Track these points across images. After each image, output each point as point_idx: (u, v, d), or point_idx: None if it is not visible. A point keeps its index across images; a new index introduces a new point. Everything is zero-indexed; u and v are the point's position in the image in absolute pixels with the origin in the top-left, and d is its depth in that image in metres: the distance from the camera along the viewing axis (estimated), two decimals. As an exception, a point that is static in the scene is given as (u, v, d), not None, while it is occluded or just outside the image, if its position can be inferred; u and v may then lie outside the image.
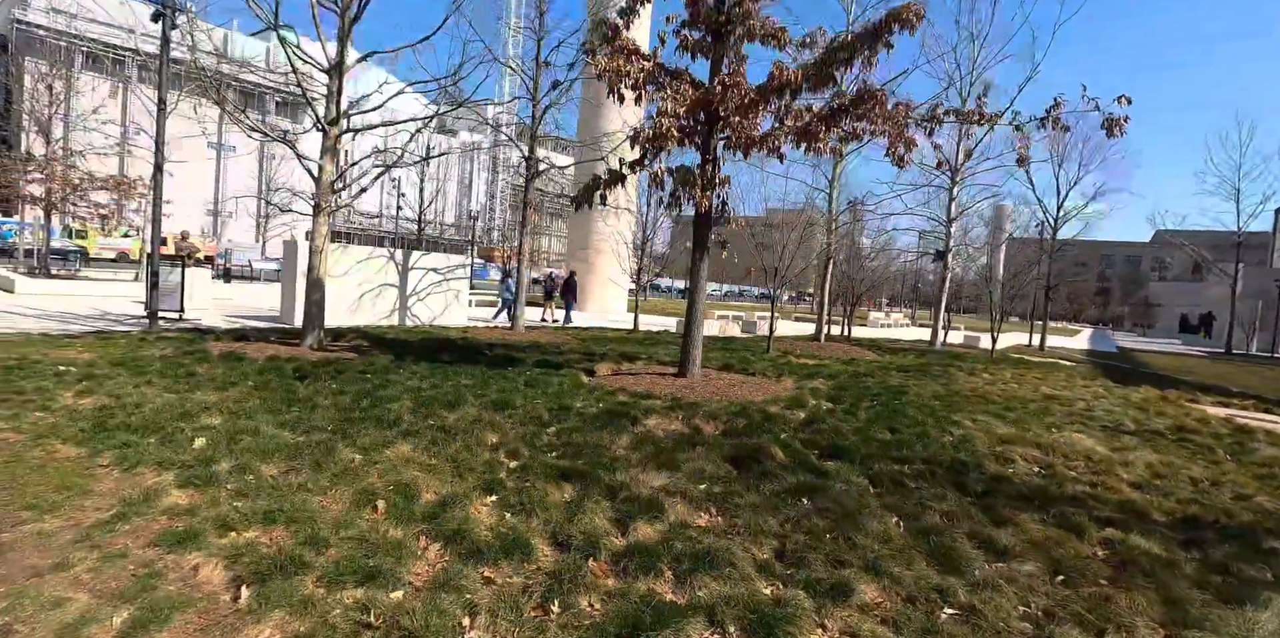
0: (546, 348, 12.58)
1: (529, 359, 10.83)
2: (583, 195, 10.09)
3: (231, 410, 6.15)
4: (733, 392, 8.80)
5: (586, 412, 6.99)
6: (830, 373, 11.61)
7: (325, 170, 10.45)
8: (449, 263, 17.41)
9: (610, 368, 10.65)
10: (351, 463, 4.82)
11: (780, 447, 5.99)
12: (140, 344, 10.02)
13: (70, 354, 8.90)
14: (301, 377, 7.97)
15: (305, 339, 10.47)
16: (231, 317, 15.62)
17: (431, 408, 6.53)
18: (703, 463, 5.39)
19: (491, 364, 9.92)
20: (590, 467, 5.10)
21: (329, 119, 10.36)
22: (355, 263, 15.35)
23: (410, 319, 16.54)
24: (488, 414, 6.54)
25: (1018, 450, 6.87)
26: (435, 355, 10.52)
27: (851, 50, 8.28)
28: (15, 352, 8.77)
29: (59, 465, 4.67)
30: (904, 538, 4.26)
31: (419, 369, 9.04)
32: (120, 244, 45.63)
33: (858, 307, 20.53)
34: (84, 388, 6.84)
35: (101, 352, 9.16)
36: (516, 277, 15.69)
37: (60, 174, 21.51)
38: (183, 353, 9.23)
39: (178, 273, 13.88)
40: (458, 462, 5.02)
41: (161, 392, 6.83)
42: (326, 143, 10.43)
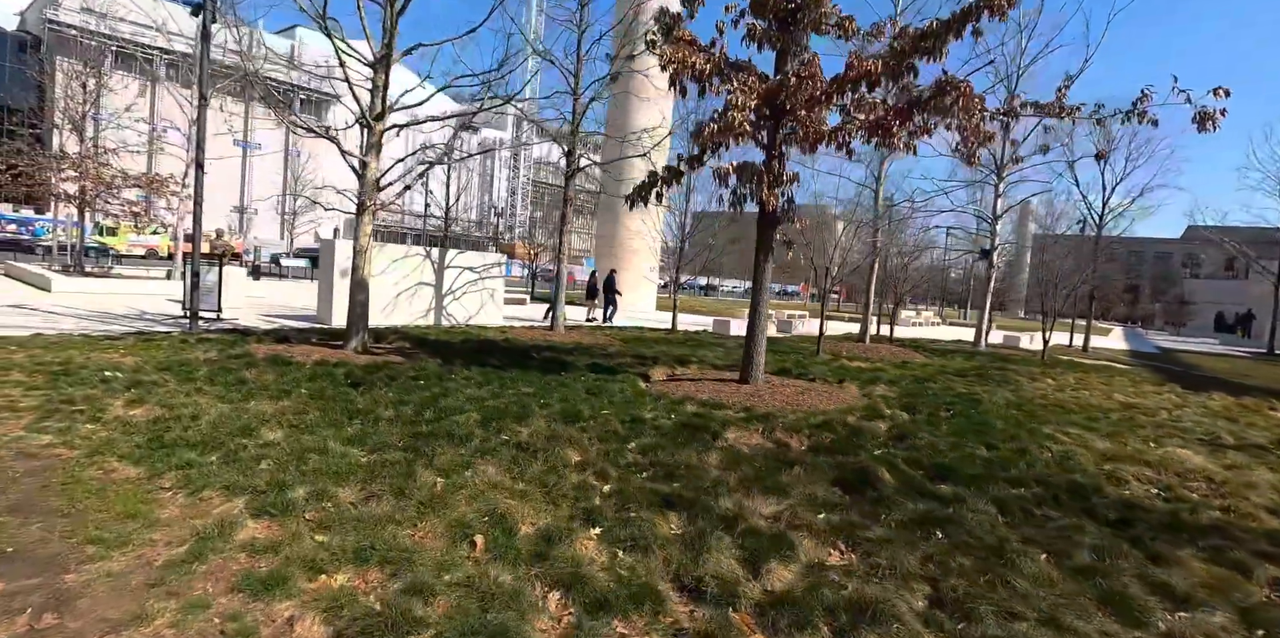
0: (593, 350, 12.12)
1: (580, 363, 10.37)
2: (638, 193, 9.59)
3: (292, 424, 5.73)
4: (802, 400, 8.29)
5: (661, 424, 6.51)
6: (890, 378, 11.05)
7: (370, 167, 10.03)
8: (484, 261, 17.00)
9: (665, 372, 10.18)
10: (434, 487, 4.37)
11: (884, 467, 5.48)
12: (183, 346, 9.68)
13: (114, 357, 8.56)
14: (355, 384, 7.55)
15: (349, 342, 10.08)
16: (267, 316, 15.30)
17: (501, 421, 6.07)
18: (809, 487, 4.89)
19: (544, 369, 9.47)
20: (690, 491, 4.62)
21: (374, 114, 9.94)
22: (391, 262, 14.97)
23: (446, 319, 16.16)
24: (560, 428, 6.07)
25: (1128, 470, 6.32)
26: (483, 359, 10.09)
27: (936, 39, 7.71)
28: (59, 355, 8.44)
29: (119, 488, 4.26)
30: (1065, 580, 3.74)
31: (472, 375, 8.61)
32: (149, 241, 45.82)
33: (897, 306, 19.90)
34: (134, 396, 6.46)
35: (145, 355, 8.81)
36: (555, 276, 15.25)
37: (94, 172, 21.34)
38: (228, 357, 8.86)
39: (215, 272, 13.56)
40: (546, 486, 4.56)
41: (215, 401, 6.43)
42: (371, 139, 10.02)
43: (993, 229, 19.34)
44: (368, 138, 10.02)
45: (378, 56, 9.92)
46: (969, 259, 33.72)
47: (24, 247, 35.93)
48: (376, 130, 10.00)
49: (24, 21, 56.05)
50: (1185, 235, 63.80)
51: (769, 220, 8.97)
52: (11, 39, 53.67)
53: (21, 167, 21.85)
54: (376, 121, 9.98)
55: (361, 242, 10.14)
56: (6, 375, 7.16)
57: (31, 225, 40.52)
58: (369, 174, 10.04)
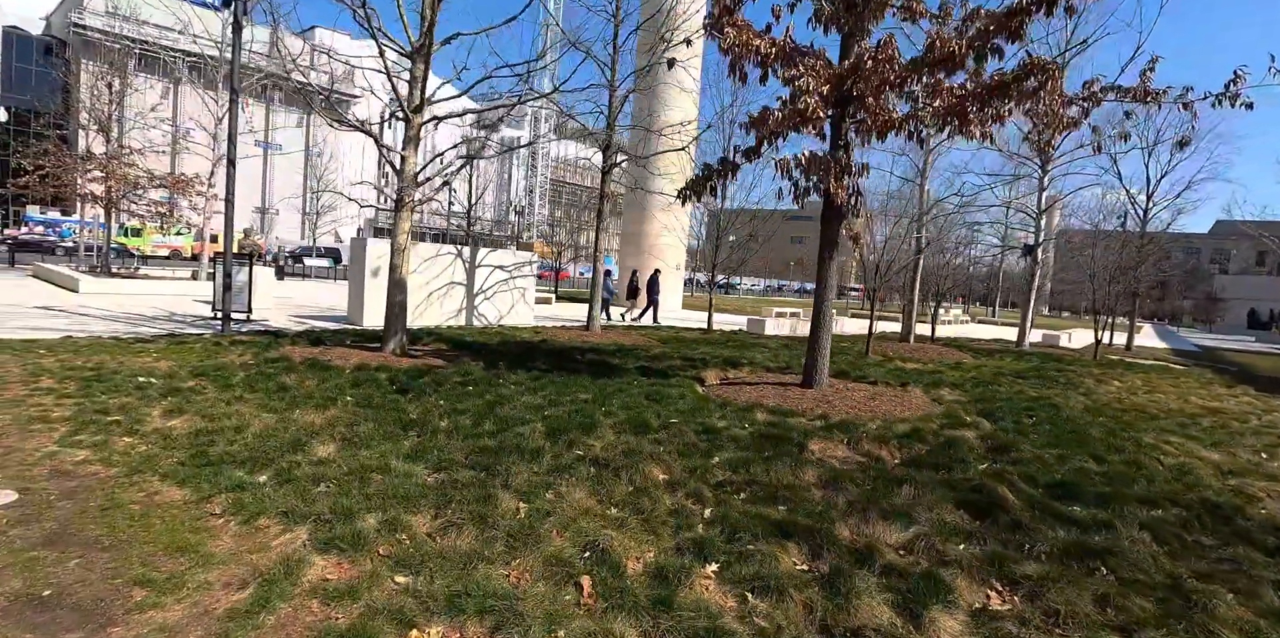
0: (636, 352, 11.57)
1: (628, 366, 9.83)
2: (691, 187, 9.03)
3: (344, 436, 5.22)
4: (875, 407, 7.69)
5: (737, 435, 5.95)
6: (952, 381, 10.42)
7: (408, 162, 9.54)
8: (515, 260, 16.51)
9: (717, 375, 9.62)
10: (517, 514, 3.84)
11: (1002, 485, 4.89)
12: (216, 349, 9.24)
13: (146, 362, 8.12)
14: (402, 390, 7.05)
15: (387, 344, 9.60)
16: (297, 317, 14.89)
17: (568, 432, 5.54)
18: (931, 510, 4.32)
19: (594, 373, 8.93)
20: (802, 517, 4.06)
21: (412, 107, 9.44)
22: (422, 261, 14.50)
23: (477, 319, 15.68)
24: (631, 440, 5.53)
25: (1256, 485, 5.69)
26: (527, 362, 9.57)
27: (1025, 15, 7.09)
28: (91, 359, 8.01)
29: (164, 515, 3.77)
30: (1271, 629, 3.15)
31: (521, 380, 8.09)
32: (173, 242, 45.84)
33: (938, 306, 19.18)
34: (171, 405, 5.99)
35: (178, 359, 8.37)
36: (592, 274, 14.72)
37: (120, 172, 21.06)
38: (264, 361, 8.39)
39: (245, 273, 13.15)
40: (641, 511, 4.01)
41: (257, 411, 5.95)
42: (409, 133, 9.52)
43: (1037, 224, 18.59)
44: (405, 131, 9.53)
45: (416, 46, 9.42)
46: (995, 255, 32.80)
47: (44, 248, 35.95)
48: (415, 123, 9.51)
49: (49, 26, 56.33)
50: (1214, 230, 62.23)
51: (835, 214, 8.38)
52: (37, 42, 53.94)
53: (49, 168, 21.64)
54: (415, 114, 9.48)
55: (399, 240, 9.65)
56: (37, 382, 6.72)
57: (59, 227, 40.60)
58: (407, 169, 9.55)
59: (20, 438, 4.97)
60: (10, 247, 32.92)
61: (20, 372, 7.12)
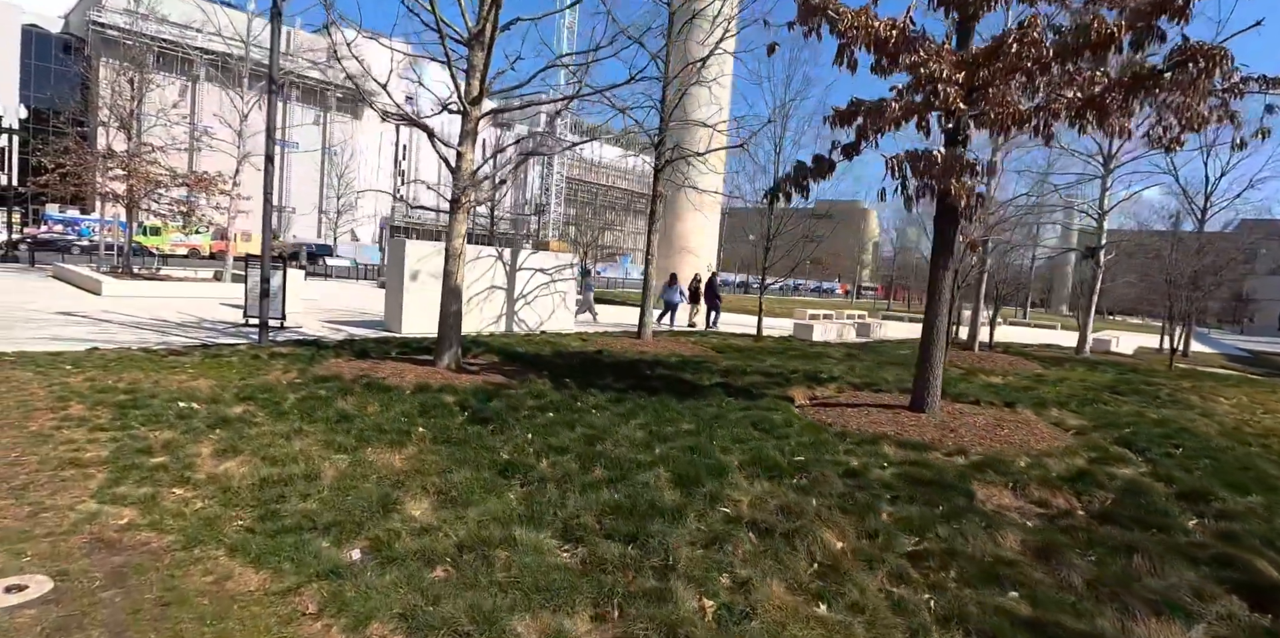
0: (705, 365, 10.61)
1: (704, 382, 8.91)
2: (782, 186, 8.09)
3: (438, 488, 4.30)
4: (1005, 437, 6.72)
5: (885, 479, 5.01)
6: (1055, 399, 9.42)
7: (465, 158, 8.62)
8: (557, 262, 15.58)
9: (805, 394, 8.69)
10: (704, 617, 2.91)
11: (1250, 554, 3.93)
12: (256, 364, 8.36)
13: (183, 380, 7.24)
14: (478, 419, 6.13)
15: (441, 358, 8.69)
16: (330, 323, 14.02)
17: (698, 481, 4.60)
18: (1198, 596, 3.37)
19: (674, 392, 7.99)
20: (1051, 610, 3.12)
21: (470, 98, 8.51)
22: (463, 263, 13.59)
23: (518, 325, 14.77)
24: (774, 489, 4.60)
25: None
26: (595, 378, 8.65)
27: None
28: (123, 376, 7.13)
29: (242, 616, 2.85)
30: None
31: (600, 402, 7.17)
32: (191, 241, 45.19)
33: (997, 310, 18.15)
34: (222, 441, 5.09)
35: (217, 377, 7.49)
36: (644, 279, 13.78)
37: (143, 171, 20.26)
38: (313, 379, 7.49)
39: (279, 277, 12.26)
40: (856, 607, 3.08)
41: (324, 449, 5.04)
42: (467, 126, 8.60)
43: (1100, 225, 17.55)
44: (462, 125, 8.61)
45: (474, 32, 8.49)
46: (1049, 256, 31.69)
47: (63, 247, 35.27)
48: (473, 117, 8.58)
49: (68, 24, 55.76)
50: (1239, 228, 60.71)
51: (951, 218, 7.42)
52: (56, 41, 53.38)
53: (69, 166, 20.89)
54: (473, 106, 8.55)
55: (455, 243, 8.74)
56: (66, 408, 5.84)
57: (78, 225, 39.97)
58: (464, 166, 8.63)
59: (51, 490, 4.08)
60: (30, 246, 32.28)
61: (46, 395, 6.25)
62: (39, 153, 21.35)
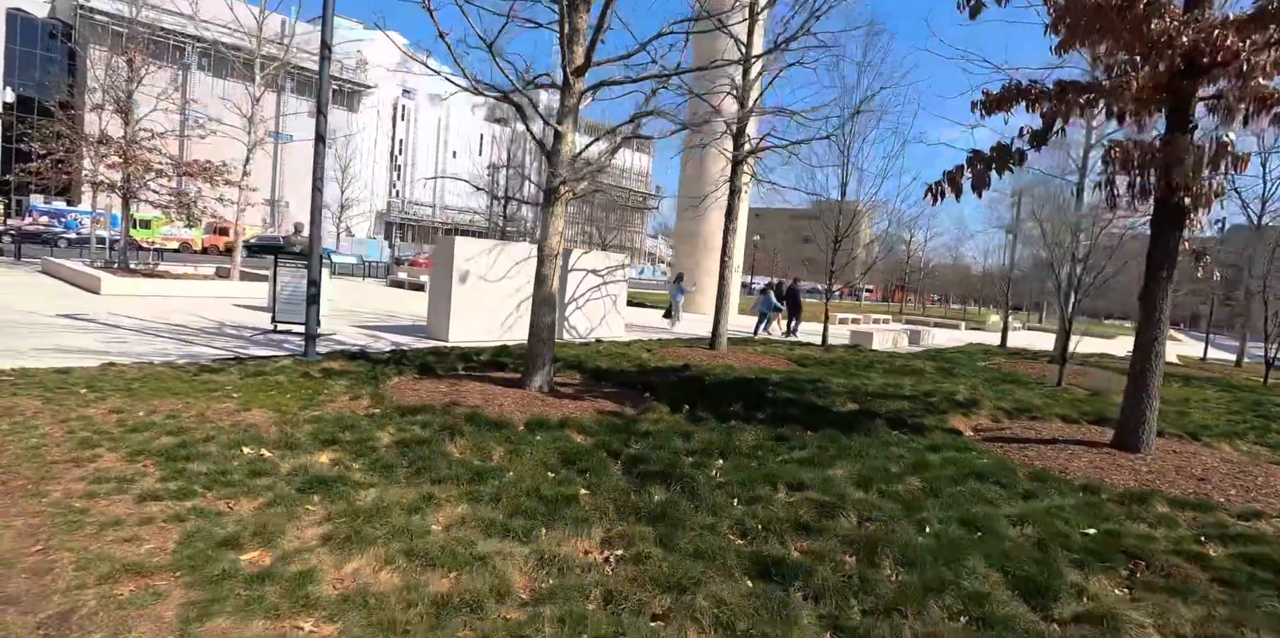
0: (815, 385, 9.12)
1: (842, 407, 7.48)
2: (954, 178, 6.65)
3: (706, 616, 2.80)
4: (1261, 484, 5.37)
5: (1219, 560, 3.61)
6: (1226, 428, 8.12)
7: (565, 140, 7.08)
8: (608, 263, 14.06)
9: (965, 423, 7.29)
10: None
11: None
12: (312, 386, 6.78)
13: (231, 409, 5.66)
14: (645, 473, 4.63)
15: (533, 378, 7.17)
16: (363, 328, 12.38)
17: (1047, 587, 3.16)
18: None
19: (824, 422, 6.53)
20: None
21: (574, 67, 6.97)
22: (513, 264, 12.05)
23: (568, 331, 13.24)
24: (1129, 591, 3.17)
25: None
26: (715, 403, 7.18)
27: None
28: (156, 405, 5.54)
29: None
30: None
31: (759, 438, 5.71)
32: (183, 234, 42.91)
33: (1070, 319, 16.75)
34: (332, 520, 3.55)
35: (273, 405, 5.91)
36: (719, 285, 12.31)
37: (143, 158, 18.39)
38: (396, 410, 5.92)
39: (313, 277, 10.61)
40: None
41: (482, 533, 3.50)
42: (568, 102, 7.05)
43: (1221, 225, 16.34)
44: (562, 100, 7.07)
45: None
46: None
47: (49, 239, 33.03)
48: (575, 89, 7.04)
49: (54, 9, 52.92)
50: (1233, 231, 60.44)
51: (1175, 220, 6.03)
52: (42, 26, 50.62)
53: (60, 153, 18.95)
54: (576, 77, 7.01)
55: (552, 243, 7.19)
56: (94, 461, 4.26)
57: (64, 217, 37.62)
58: (564, 149, 7.09)
59: (112, 627, 2.53)
60: (15, 238, 30.06)
61: (65, 437, 4.65)
62: (28, 139, 19.38)
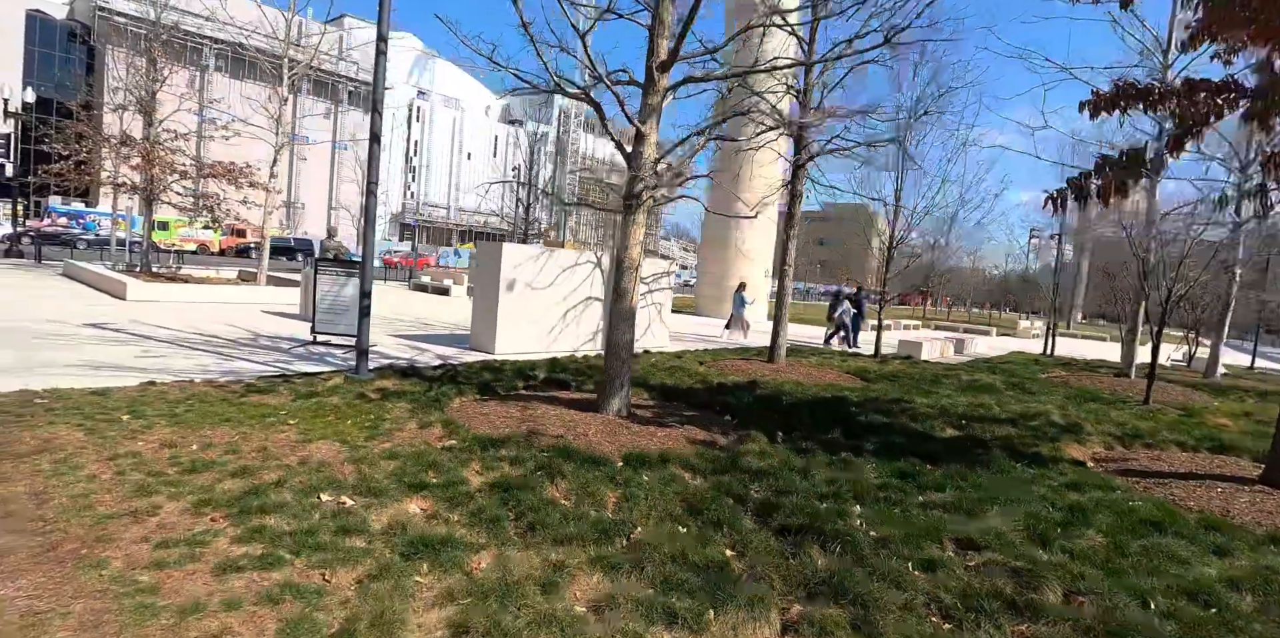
0: (899, 405, 8.41)
1: (942, 432, 6.80)
2: (1082, 184, 5.96)
3: None
4: None
5: None
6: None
7: (648, 142, 6.40)
8: (654, 269, 13.37)
9: (1082, 452, 6.59)
10: None
11: None
12: (370, 410, 6.13)
13: (293, 440, 5.02)
14: (781, 527, 3.96)
15: (610, 402, 6.49)
16: (400, 337, 11.74)
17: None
18: None
19: (936, 452, 5.85)
20: None
21: (659, 62, 6.30)
22: (561, 271, 11.39)
23: (614, 341, 12.55)
24: None
25: None
26: (806, 428, 6.51)
27: None
28: (208, 435, 4.90)
29: None
30: None
31: (884, 476, 5.05)
32: (200, 236, 42.45)
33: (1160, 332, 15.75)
34: (453, 601, 2.89)
35: (335, 433, 5.27)
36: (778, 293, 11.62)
37: (167, 159, 17.84)
38: (475, 442, 5.25)
39: (353, 285, 9.98)
40: None
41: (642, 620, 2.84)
42: (651, 100, 6.38)
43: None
44: (644, 97, 6.40)
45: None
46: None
47: (67, 241, 32.56)
48: (659, 86, 6.37)
49: (73, 10, 52.61)
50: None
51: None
52: (61, 27, 50.31)
53: (83, 154, 18.42)
54: (660, 73, 6.34)
55: (632, 253, 6.52)
56: (153, 512, 3.62)
57: (83, 219, 37.17)
58: (646, 151, 6.41)
59: None
60: (34, 239, 29.58)
61: (114, 481, 4.00)
62: (49, 139, 18.85)
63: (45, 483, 3.91)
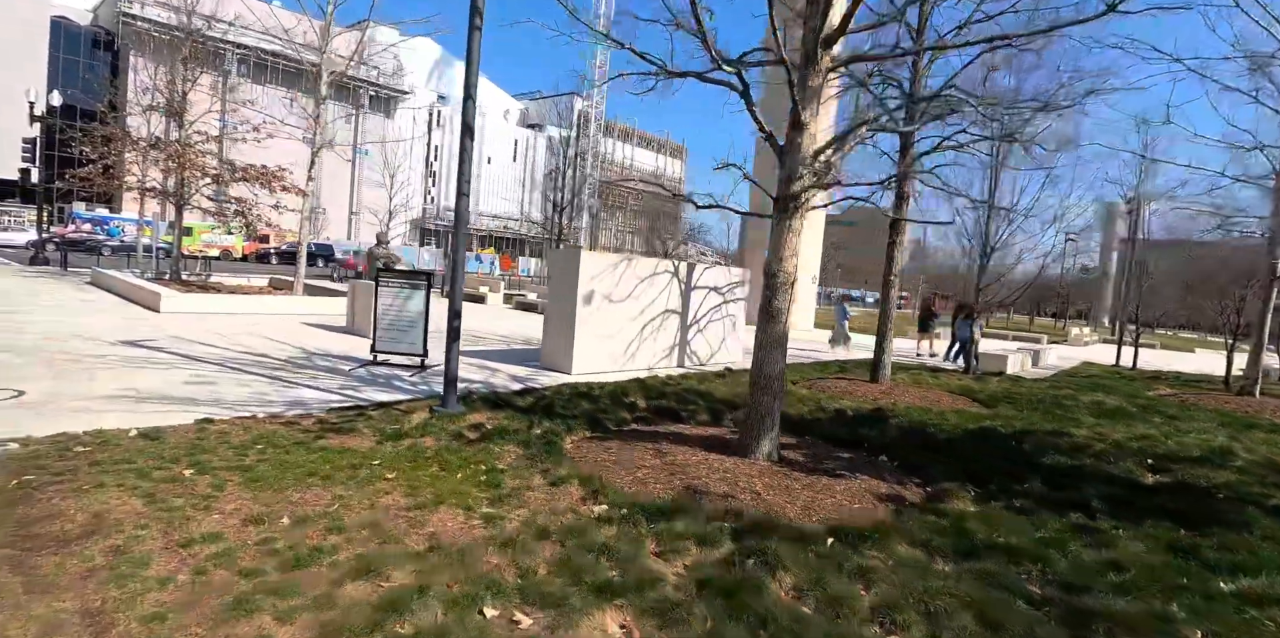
0: (1059, 438, 7.22)
1: (1137, 474, 5.57)
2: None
3: None
4: None
5: None
6: None
7: (808, 131, 5.24)
8: (729, 279, 12.21)
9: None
10: None
11: None
12: (472, 455, 5.00)
13: (401, 507, 3.91)
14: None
15: (760, 444, 5.31)
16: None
17: None
18: None
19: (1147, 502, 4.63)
20: None
21: (825, 36, 5.14)
22: (639, 282, 10.23)
23: (689, 357, 11.41)
24: None
25: None
26: (968, 467, 5.31)
27: None
28: (306, 502, 3.78)
29: None
30: None
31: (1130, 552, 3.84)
32: (223, 242, 41.66)
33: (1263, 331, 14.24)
34: None
35: (449, 494, 4.15)
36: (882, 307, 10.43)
37: (199, 162, 16.86)
38: (633, 509, 4.10)
39: (420, 299, 8.85)
40: None
41: None
42: (811, 81, 5.21)
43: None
44: (801, 79, 5.22)
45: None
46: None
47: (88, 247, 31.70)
48: (820, 66, 5.20)
49: (97, 17, 52.03)
50: None
51: None
52: (86, 34, 49.76)
53: (111, 158, 17.48)
54: (824, 49, 5.18)
55: (788, 266, 5.34)
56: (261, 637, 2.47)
57: (107, 225, 36.39)
58: (805, 142, 5.25)
59: None
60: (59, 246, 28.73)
61: (194, 585, 2.87)
62: (77, 143, 17.92)
63: (102, 594, 2.78)
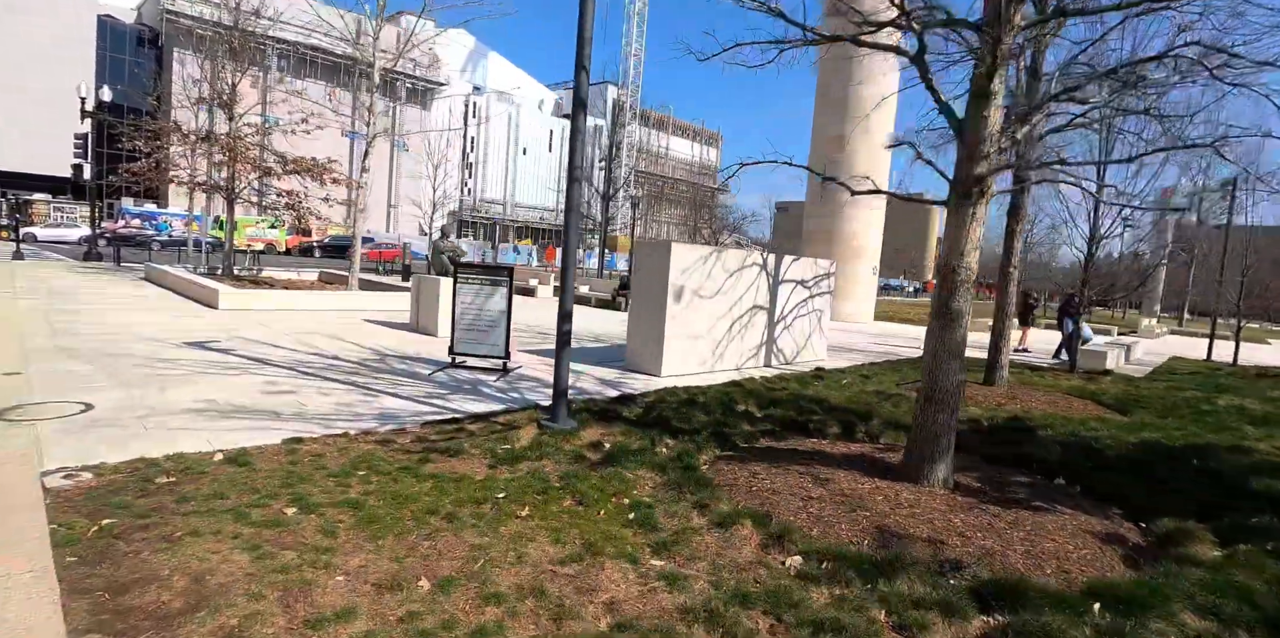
0: (1230, 453, 6.32)
1: None
2: None
3: None
4: None
5: None
6: None
7: (991, 105, 4.39)
8: (816, 272, 11.34)
9: None
10: None
11: None
12: (600, 481, 4.31)
13: (553, 558, 3.26)
14: None
15: (934, 469, 4.53)
16: (533, 353, 9.92)
17: None
18: None
19: None
20: None
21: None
22: (727, 276, 9.44)
23: (775, 356, 10.61)
24: None
25: None
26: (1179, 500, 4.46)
27: None
28: (442, 555, 3.10)
29: None
30: None
31: None
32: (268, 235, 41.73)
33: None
34: None
35: (600, 539, 3.48)
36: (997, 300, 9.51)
37: (250, 154, 16.47)
38: (845, 564, 3.37)
39: (501, 296, 8.18)
40: None
41: None
42: (1002, 44, 4.36)
43: None
44: (992, 44, 4.37)
45: None
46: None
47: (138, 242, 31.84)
48: (1014, 25, 4.34)
49: (140, 15, 52.44)
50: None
51: None
52: (131, 32, 50.18)
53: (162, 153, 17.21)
54: (1014, 5, 4.32)
55: (968, 261, 4.52)
56: None
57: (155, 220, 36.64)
58: (991, 118, 4.41)
59: None
60: (110, 241, 28.92)
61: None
62: (128, 138, 17.67)
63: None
